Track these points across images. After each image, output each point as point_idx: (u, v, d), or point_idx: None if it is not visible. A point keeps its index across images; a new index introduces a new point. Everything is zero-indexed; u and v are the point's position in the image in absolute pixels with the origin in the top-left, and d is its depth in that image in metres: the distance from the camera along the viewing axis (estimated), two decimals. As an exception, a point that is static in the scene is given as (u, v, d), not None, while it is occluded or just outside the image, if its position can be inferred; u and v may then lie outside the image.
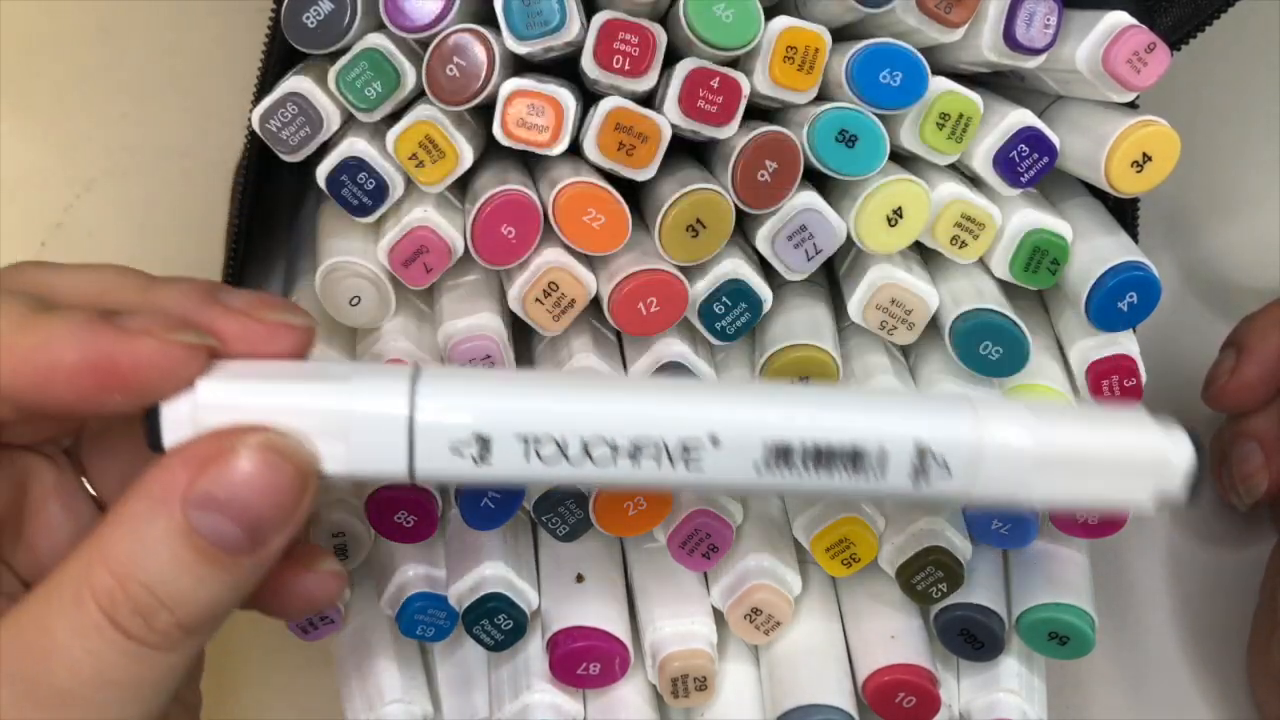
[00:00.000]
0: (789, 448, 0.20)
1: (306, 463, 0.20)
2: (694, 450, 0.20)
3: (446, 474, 0.20)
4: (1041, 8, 0.26)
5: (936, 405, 0.22)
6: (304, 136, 0.26)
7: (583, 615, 0.29)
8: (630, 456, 0.20)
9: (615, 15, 0.25)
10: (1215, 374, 0.35)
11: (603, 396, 0.20)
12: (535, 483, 0.20)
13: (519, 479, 0.20)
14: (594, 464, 0.20)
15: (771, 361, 0.27)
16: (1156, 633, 0.36)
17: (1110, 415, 0.23)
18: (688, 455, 0.20)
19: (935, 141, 0.27)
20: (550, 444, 0.20)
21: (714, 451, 0.20)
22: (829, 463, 0.20)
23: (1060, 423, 0.22)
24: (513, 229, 0.26)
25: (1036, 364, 0.29)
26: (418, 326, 0.29)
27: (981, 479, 0.21)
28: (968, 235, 0.27)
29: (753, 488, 0.21)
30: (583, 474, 0.20)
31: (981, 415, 0.21)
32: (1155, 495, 0.22)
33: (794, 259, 0.27)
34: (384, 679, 0.30)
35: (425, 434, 0.20)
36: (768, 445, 0.20)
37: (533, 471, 0.20)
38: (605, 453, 0.20)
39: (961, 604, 0.30)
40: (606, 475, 0.20)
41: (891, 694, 0.29)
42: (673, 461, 0.20)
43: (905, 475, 0.21)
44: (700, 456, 0.20)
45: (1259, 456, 0.34)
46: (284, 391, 0.20)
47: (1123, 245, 0.28)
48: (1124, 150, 0.26)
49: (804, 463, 0.20)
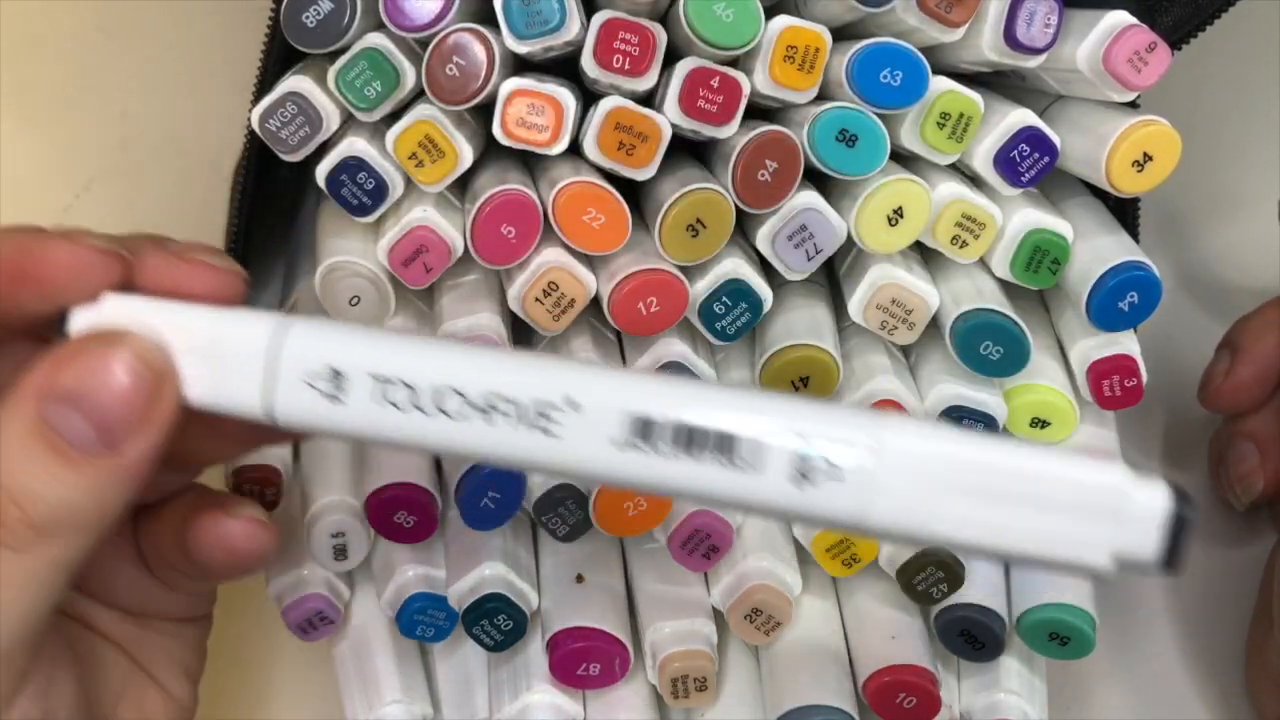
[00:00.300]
0: (650, 420, 0.18)
1: (164, 371, 0.20)
2: (550, 414, 0.19)
3: (301, 411, 0.20)
4: (1042, 7, 0.26)
5: (832, 407, 0.19)
6: (304, 136, 0.26)
7: (583, 615, 0.29)
8: (483, 412, 0.19)
9: (615, 15, 0.25)
10: (1211, 375, 0.35)
11: (464, 353, 0.20)
12: (390, 439, 0.20)
13: (372, 428, 0.20)
14: (446, 416, 0.19)
15: (772, 361, 0.27)
16: (1156, 633, 0.36)
17: (1066, 454, 0.18)
18: (545, 420, 0.19)
19: (936, 141, 0.27)
20: (401, 388, 0.20)
21: (572, 416, 0.19)
22: (696, 446, 0.18)
23: (990, 446, 0.18)
24: (513, 229, 0.26)
25: (1037, 364, 0.29)
26: (418, 326, 0.29)
27: (881, 496, 0.18)
28: (968, 235, 0.27)
29: (612, 469, 0.19)
30: (435, 429, 0.19)
31: (888, 422, 0.18)
32: (1116, 554, 0.17)
33: (794, 259, 0.27)
34: (384, 679, 0.30)
35: (283, 364, 0.20)
36: (629, 416, 0.19)
37: (385, 419, 0.20)
38: (457, 405, 0.19)
39: (962, 604, 0.30)
40: (459, 434, 0.19)
41: (892, 694, 0.29)
42: (529, 425, 0.19)
43: (785, 476, 0.18)
44: (557, 421, 0.19)
45: (1255, 456, 0.34)
46: (171, 311, 0.21)
47: (1123, 245, 0.28)
48: (1125, 150, 0.26)
49: (667, 441, 0.18)
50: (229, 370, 0.20)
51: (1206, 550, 0.37)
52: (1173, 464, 0.38)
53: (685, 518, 0.28)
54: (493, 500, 0.27)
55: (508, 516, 0.28)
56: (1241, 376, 0.34)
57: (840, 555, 0.29)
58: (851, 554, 0.29)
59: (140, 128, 0.40)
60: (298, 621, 0.30)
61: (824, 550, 0.29)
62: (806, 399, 0.19)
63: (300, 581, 0.30)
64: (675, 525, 0.29)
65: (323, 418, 0.20)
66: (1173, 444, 0.39)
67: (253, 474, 0.29)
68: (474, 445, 0.20)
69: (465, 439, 0.19)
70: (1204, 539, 0.37)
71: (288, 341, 0.20)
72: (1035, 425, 0.30)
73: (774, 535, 0.30)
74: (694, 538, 0.29)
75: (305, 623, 0.30)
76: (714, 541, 0.29)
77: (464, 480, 0.27)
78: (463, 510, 0.27)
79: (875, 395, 0.28)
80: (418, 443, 0.20)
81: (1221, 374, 0.34)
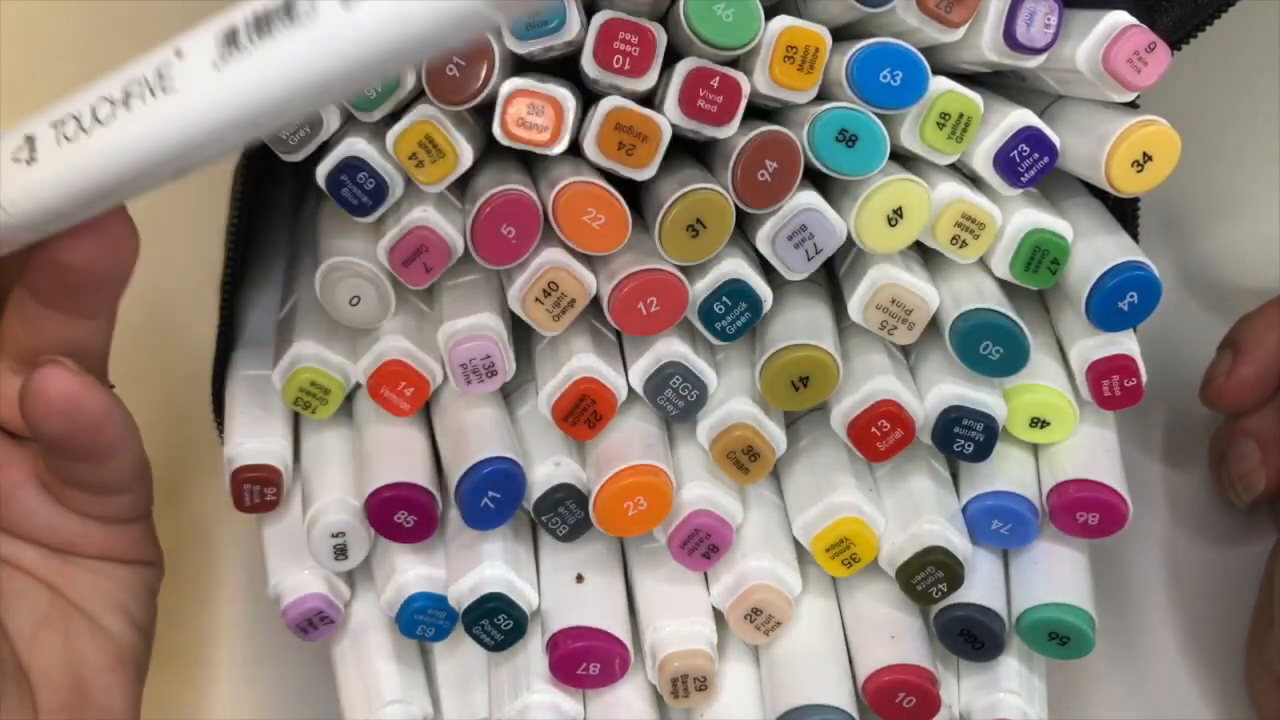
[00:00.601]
0: (235, 29, 0.20)
1: None
2: (165, 72, 0.21)
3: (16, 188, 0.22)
4: (1042, 7, 0.26)
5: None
6: (304, 136, 0.26)
7: (583, 615, 0.29)
8: (124, 103, 0.21)
9: (615, 15, 0.25)
10: (1212, 374, 0.35)
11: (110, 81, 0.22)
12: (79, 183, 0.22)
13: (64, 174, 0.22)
14: (102, 124, 0.21)
15: (772, 361, 0.27)
16: (1156, 632, 0.36)
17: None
18: (162, 80, 0.21)
19: (935, 141, 0.27)
20: (71, 121, 0.22)
21: (180, 64, 0.21)
22: (269, 26, 0.19)
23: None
24: (513, 229, 0.26)
25: (1036, 364, 0.29)
26: (418, 326, 0.29)
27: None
28: (968, 235, 0.27)
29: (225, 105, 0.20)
30: (101, 141, 0.21)
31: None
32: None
33: (794, 259, 0.27)
34: (384, 679, 0.30)
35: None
36: (219, 37, 0.20)
37: (67, 156, 0.22)
38: (107, 110, 0.21)
39: (961, 604, 0.30)
40: (114, 135, 0.21)
41: (891, 694, 0.29)
42: (153, 91, 0.21)
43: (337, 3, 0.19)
44: (170, 74, 0.21)
45: (1256, 455, 0.34)
46: None
47: (1123, 245, 0.28)
48: (1124, 150, 0.26)
49: (250, 38, 0.20)
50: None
51: (1206, 549, 0.37)
52: (1173, 463, 0.38)
53: (685, 517, 0.28)
54: (493, 500, 0.27)
55: (508, 516, 0.28)
56: (1243, 375, 0.34)
57: (840, 555, 0.29)
58: (851, 554, 0.29)
59: (140, 128, 0.40)
60: (298, 621, 0.30)
61: (824, 550, 0.29)
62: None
63: (300, 581, 0.30)
64: (675, 525, 0.29)
65: (33, 184, 0.22)
66: (1173, 443, 0.39)
67: (253, 474, 0.29)
68: (133, 140, 0.21)
69: (124, 136, 0.21)
70: (1204, 538, 0.37)
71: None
72: (1035, 425, 0.30)
73: (774, 535, 0.30)
74: (694, 538, 0.29)
75: (305, 623, 0.30)
76: (714, 541, 0.29)
77: (464, 480, 0.27)
78: (463, 510, 0.27)
79: (875, 395, 0.28)
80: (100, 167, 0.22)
81: (1223, 373, 0.34)
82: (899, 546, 0.29)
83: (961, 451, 0.29)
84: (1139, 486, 0.31)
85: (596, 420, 0.28)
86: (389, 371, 0.28)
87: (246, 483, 0.29)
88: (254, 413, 0.30)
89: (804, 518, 0.30)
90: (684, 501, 0.29)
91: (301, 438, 0.31)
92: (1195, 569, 0.37)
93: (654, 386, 0.28)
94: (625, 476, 0.27)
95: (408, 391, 0.28)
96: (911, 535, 0.29)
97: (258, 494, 0.30)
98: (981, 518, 0.30)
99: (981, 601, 0.30)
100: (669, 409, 0.28)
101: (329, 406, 0.29)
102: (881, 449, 0.28)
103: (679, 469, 0.29)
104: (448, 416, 0.29)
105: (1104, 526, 0.29)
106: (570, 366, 0.28)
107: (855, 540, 0.29)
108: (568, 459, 0.29)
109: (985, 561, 0.30)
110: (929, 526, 0.29)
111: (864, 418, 0.28)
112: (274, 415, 0.31)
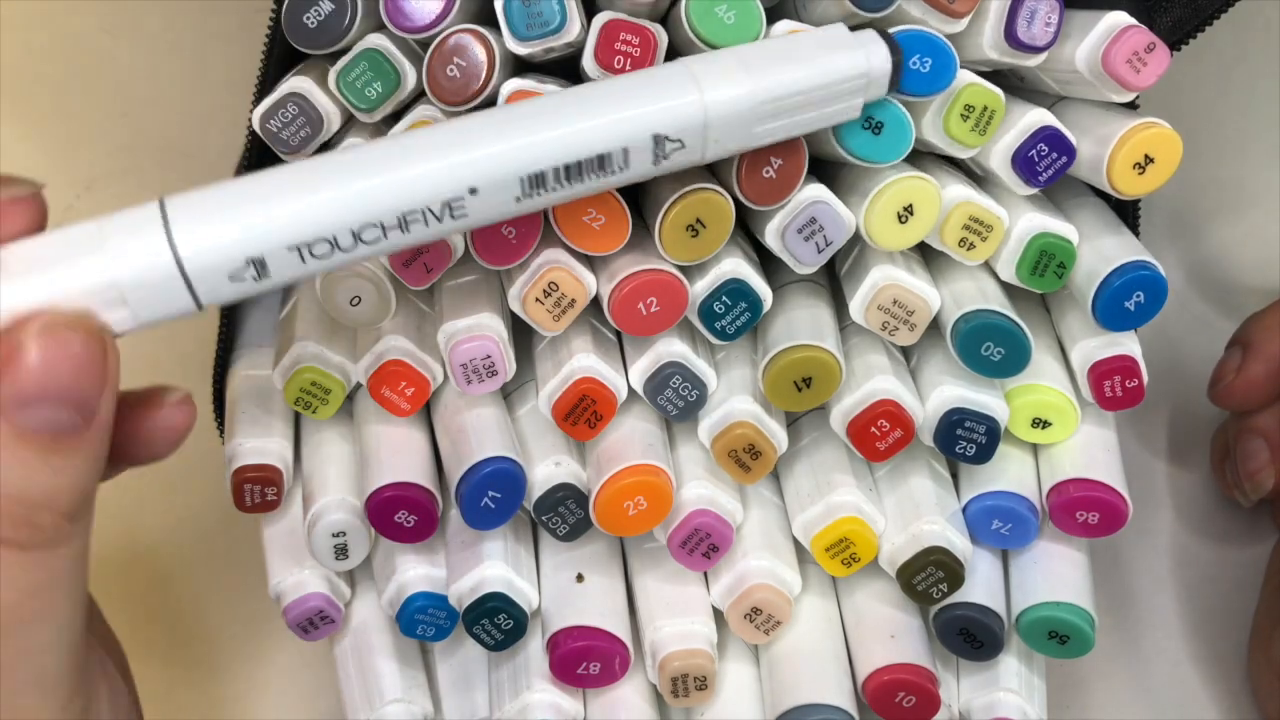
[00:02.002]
0: (543, 175, 0.21)
1: (92, 326, 0.20)
2: (457, 205, 0.21)
3: (233, 296, 0.21)
4: (1043, 6, 0.26)
5: (662, 89, 0.22)
6: (304, 137, 0.26)
7: (583, 615, 0.29)
8: (400, 229, 0.21)
9: (616, 16, 0.25)
10: (1221, 372, 0.35)
11: (359, 183, 0.20)
12: (318, 273, 0.22)
13: (302, 277, 0.21)
14: (367, 245, 0.21)
15: (774, 362, 0.27)
16: (1157, 632, 0.36)
17: (809, 41, 0.24)
18: (452, 210, 0.21)
19: (959, 134, 0.26)
20: (323, 244, 0.20)
21: (475, 200, 0.21)
22: (580, 174, 0.22)
23: (769, 68, 0.23)
24: (513, 229, 0.26)
25: (1038, 364, 0.29)
26: (418, 326, 0.29)
27: (711, 143, 0.23)
28: (976, 237, 0.27)
29: (515, 214, 0.22)
30: (360, 254, 0.21)
31: (702, 85, 0.22)
32: (863, 102, 0.24)
33: (804, 252, 0.27)
34: (384, 679, 0.30)
35: (200, 277, 0.20)
36: (523, 180, 0.21)
37: (312, 268, 0.21)
38: (376, 234, 0.21)
39: (961, 603, 0.30)
40: (381, 249, 0.21)
41: (891, 694, 0.29)
42: (439, 219, 0.21)
43: (647, 162, 0.22)
44: (464, 207, 0.21)
45: (1265, 454, 0.34)
46: (46, 283, 0.20)
47: (1128, 245, 0.28)
48: (1126, 152, 0.26)
49: (558, 182, 0.21)
50: (149, 303, 0.20)
51: (1208, 548, 0.37)
52: (1176, 461, 0.38)
53: (685, 517, 0.29)
54: (493, 500, 0.27)
55: (508, 516, 0.28)
56: (1253, 373, 0.34)
57: (840, 555, 0.29)
58: (851, 554, 0.29)
59: (141, 128, 0.40)
60: (298, 621, 0.30)
61: (824, 550, 0.29)
62: (648, 84, 0.22)
63: (300, 581, 0.30)
64: (675, 525, 0.29)
65: (253, 290, 0.21)
66: (1175, 442, 0.39)
67: (253, 474, 0.30)
68: (391, 250, 0.21)
69: (384, 249, 0.21)
70: (1206, 537, 0.37)
71: (183, 243, 0.20)
72: (1036, 425, 0.30)
73: (774, 535, 0.30)
74: (694, 537, 0.29)
75: (306, 622, 0.30)
76: (714, 541, 0.29)
77: (464, 480, 0.27)
78: (463, 510, 0.28)
79: (874, 395, 0.28)
80: (339, 267, 0.21)
81: (1232, 371, 0.34)
82: (899, 546, 0.29)
83: (964, 454, 0.29)
84: (1140, 485, 0.31)
85: (597, 420, 0.28)
86: (389, 371, 0.28)
87: (247, 482, 0.29)
88: (254, 413, 0.30)
89: (804, 517, 0.30)
90: (684, 501, 0.29)
91: (302, 438, 0.31)
92: (1196, 568, 0.37)
93: (654, 386, 0.28)
94: (625, 476, 0.27)
95: (408, 391, 0.28)
96: (911, 535, 0.29)
97: (258, 494, 0.30)
98: (981, 518, 0.30)
99: (981, 601, 0.30)
100: (669, 409, 0.28)
101: (330, 406, 0.29)
102: (881, 449, 0.28)
103: (679, 469, 0.29)
104: (448, 416, 0.29)
105: (1104, 526, 0.29)
106: (570, 366, 0.28)
107: (855, 540, 0.29)
108: (568, 459, 0.29)
109: (985, 561, 0.30)
110: (929, 526, 0.29)
111: (863, 417, 0.28)
112: (274, 415, 0.31)
